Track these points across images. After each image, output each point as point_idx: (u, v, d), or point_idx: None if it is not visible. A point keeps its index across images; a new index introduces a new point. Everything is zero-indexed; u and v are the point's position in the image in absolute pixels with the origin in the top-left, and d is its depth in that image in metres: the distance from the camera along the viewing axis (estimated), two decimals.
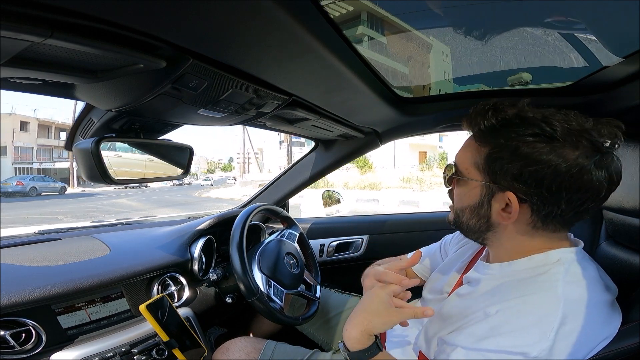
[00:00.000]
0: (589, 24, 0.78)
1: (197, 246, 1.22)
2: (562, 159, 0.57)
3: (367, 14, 0.80)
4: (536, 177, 0.59)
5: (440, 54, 0.98)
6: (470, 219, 0.69)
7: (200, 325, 1.13)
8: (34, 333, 0.80)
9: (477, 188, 0.67)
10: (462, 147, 0.71)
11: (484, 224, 0.68)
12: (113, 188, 28.83)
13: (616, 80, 0.88)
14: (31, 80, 0.60)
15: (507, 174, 0.61)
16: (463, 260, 0.86)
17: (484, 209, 0.66)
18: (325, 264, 1.69)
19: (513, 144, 0.60)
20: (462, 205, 0.70)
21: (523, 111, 0.62)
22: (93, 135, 0.83)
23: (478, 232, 0.70)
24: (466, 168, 0.68)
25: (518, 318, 0.58)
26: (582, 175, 0.57)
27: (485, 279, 0.70)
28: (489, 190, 0.65)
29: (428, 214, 1.86)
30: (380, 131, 1.47)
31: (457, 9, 0.80)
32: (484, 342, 0.59)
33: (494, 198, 0.65)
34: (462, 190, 0.71)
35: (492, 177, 0.64)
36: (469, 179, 0.68)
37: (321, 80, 0.84)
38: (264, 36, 0.57)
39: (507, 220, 0.64)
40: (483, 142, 0.65)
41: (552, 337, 0.55)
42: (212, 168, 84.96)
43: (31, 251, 1.03)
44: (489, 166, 0.64)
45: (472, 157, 0.67)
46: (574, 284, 0.60)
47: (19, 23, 0.40)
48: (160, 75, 0.61)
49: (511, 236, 0.67)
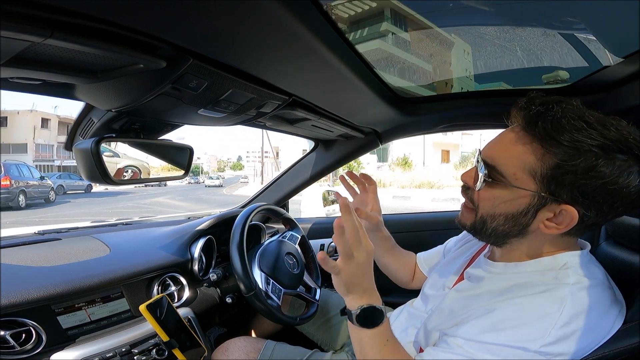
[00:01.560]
0: (589, 24, 0.78)
1: (197, 246, 1.22)
2: (632, 177, 0.54)
3: (367, 14, 0.80)
4: (607, 195, 0.54)
5: (462, 52, 0.97)
6: (502, 225, 0.63)
7: (200, 325, 1.13)
8: (34, 333, 0.80)
9: (525, 197, 0.59)
10: (507, 145, 0.61)
11: (517, 231, 0.63)
12: (134, 187, 28.88)
13: (616, 80, 0.88)
14: (31, 80, 0.60)
15: (576, 190, 0.55)
16: (465, 257, 0.86)
17: (527, 218, 0.60)
18: None
19: (590, 160, 0.53)
20: (497, 212, 0.63)
21: (583, 113, 0.56)
22: (93, 136, 0.83)
23: (503, 237, 0.65)
24: (514, 173, 0.60)
25: (521, 314, 0.58)
26: (630, 189, 0.54)
27: (488, 277, 0.70)
28: (540, 201, 0.58)
29: (430, 213, 1.86)
30: (380, 131, 1.47)
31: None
32: (485, 335, 0.59)
33: (543, 209, 0.59)
34: (500, 196, 0.62)
35: (553, 189, 0.57)
36: (517, 187, 0.59)
37: (321, 81, 0.84)
38: (264, 36, 0.57)
39: (552, 231, 0.59)
40: (549, 148, 0.56)
41: (553, 334, 0.55)
42: (222, 167, 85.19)
43: (31, 251, 1.03)
44: (553, 178, 0.56)
45: (528, 162, 0.58)
46: (580, 286, 0.59)
47: (19, 23, 0.40)
48: (160, 75, 0.61)
49: (536, 240, 0.64)
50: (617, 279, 0.69)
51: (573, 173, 0.54)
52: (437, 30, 0.90)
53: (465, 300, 0.69)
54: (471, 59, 1.01)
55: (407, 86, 1.16)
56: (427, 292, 0.87)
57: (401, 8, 0.82)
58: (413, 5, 0.79)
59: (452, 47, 0.96)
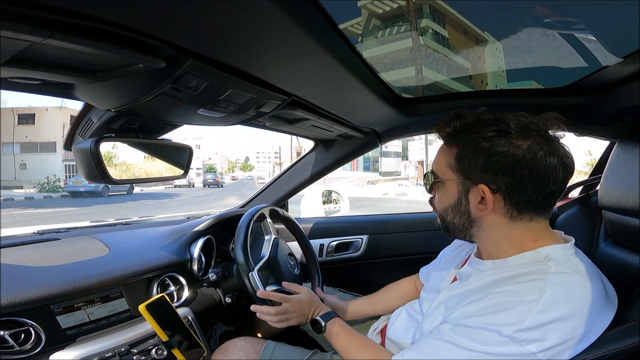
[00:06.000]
0: (589, 24, 0.78)
1: (197, 246, 1.22)
2: (516, 148, 0.66)
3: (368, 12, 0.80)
4: (499, 166, 0.66)
5: (494, 50, 0.98)
6: (453, 217, 0.75)
7: (200, 325, 1.13)
8: (33, 333, 0.80)
9: (453, 187, 0.74)
10: (436, 154, 0.79)
11: (466, 220, 0.74)
12: (165, 187, 27.53)
13: (616, 80, 0.88)
14: (31, 80, 0.60)
15: (476, 168, 0.69)
16: (457, 260, 0.90)
17: (463, 205, 0.73)
18: (325, 264, 1.68)
19: (475, 142, 0.69)
20: (444, 206, 0.77)
21: (481, 115, 0.71)
22: (92, 135, 0.83)
23: (464, 230, 0.76)
24: (441, 171, 0.76)
25: (502, 301, 0.63)
26: (537, 161, 0.65)
27: (477, 274, 0.75)
28: (464, 187, 0.72)
29: (428, 214, 1.86)
30: (379, 131, 1.47)
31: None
32: (469, 320, 0.65)
33: (469, 193, 0.71)
34: (441, 192, 0.77)
35: (464, 174, 0.71)
36: (445, 179, 0.75)
37: (321, 80, 0.84)
38: (264, 36, 0.57)
39: (484, 212, 0.70)
40: (451, 145, 0.74)
41: (530, 320, 0.58)
42: (231, 167, 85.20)
43: (30, 251, 1.02)
44: (459, 164, 0.71)
45: (444, 160, 0.75)
46: (561, 275, 0.63)
47: (19, 23, 0.40)
48: (160, 75, 0.61)
49: (494, 229, 0.72)
50: (617, 278, 0.69)
51: (467, 155, 0.70)
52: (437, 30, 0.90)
53: (457, 296, 0.74)
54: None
55: (406, 86, 1.16)
56: (423, 296, 0.92)
57: (402, 8, 0.82)
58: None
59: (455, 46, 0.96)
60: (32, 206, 14.03)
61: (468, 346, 0.63)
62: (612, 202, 0.94)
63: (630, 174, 0.88)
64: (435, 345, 0.68)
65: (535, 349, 0.58)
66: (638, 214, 0.83)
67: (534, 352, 0.58)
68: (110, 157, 0.89)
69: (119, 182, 0.86)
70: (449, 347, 0.65)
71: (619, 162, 0.95)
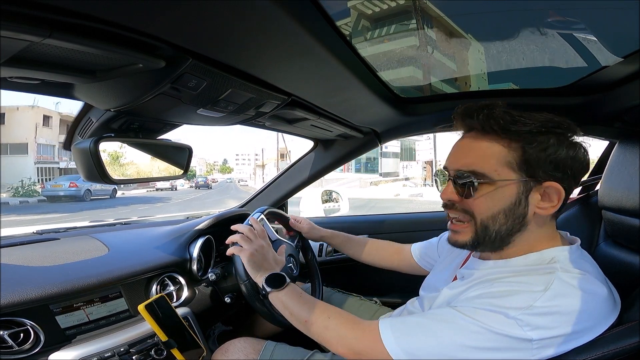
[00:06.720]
0: (589, 24, 0.78)
1: (196, 246, 1.22)
2: (572, 146, 0.64)
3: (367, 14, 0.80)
4: (566, 165, 0.64)
5: (476, 51, 0.99)
6: (505, 222, 0.66)
7: (199, 325, 1.13)
8: (32, 333, 0.80)
9: (511, 187, 0.65)
10: (475, 150, 0.67)
11: (517, 224, 0.66)
12: (146, 190, 26.63)
13: (615, 80, 0.88)
14: (30, 80, 0.60)
15: (547, 166, 0.63)
16: (459, 259, 0.88)
17: (522, 207, 0.65)
18: (324, 264, 1.68)
19: (542, 138, 0.63)
20: (494, 211, 0.66)
21: (514, 111, 0.66)
22: (92, 135, 0.83)
23: (507, 237, 0.67)
24: (495, 169, 0.65)
25: (509, 289, 0.61)
26: (585, 160, 0.66)
27: (478, 272, 0.73)
28: (526, 187, 0.65)
29: (428, 213, 1.86)
30: (379, 131, 1.47)
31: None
32: (473, 301, 0.63)
33: (531, 193, 0.65)
34: (491, 195, 0.65)
35: (530, 171, 0.64)
36: (501, 179, 0.64)
37: (320, 80, 0.84)
38: (264, 36, 0.57)
39: (549, 210, 0.65)
40: (512, 139, 0.64)
41: (537, 306, 0.57)
42: (210, 170, 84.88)
43: (30, 251, 1.02)
44: (527, 162, 0.63)
45: (501, 155, 0.65)
46: (567, 274, 0.61)
47: (18, 23, 0.40)
48: (160, 75, 0.61)
49: (532, 232, 0.68)
50: (617, 279, 0.69)
51: (537, 152, 0.63)
52: (437, 30, 0.90)
53: (457, 294, 0.72)
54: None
55: (406, 85, 1.16)
56: (424, 294, 0.91)
57: (403, 8, 0.82)
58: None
59: (457, 46, 0.96)
60: (10, 212, 13.28)
61: (468, 318, 0.61)
62: (612, 202, 0.94)
63: (630, 174, 0.88)
64: (430, 316, 0.67)
65: (535, 336, 0.57)
66: (638, 214, 0.83)
67: (534, 339, 0.57)
68: (118, 157, 0.89)
69: (118, 182, 0.85)
70: (450, 314, 0.63)
71: (619, 162, 0.95)
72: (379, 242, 1.30)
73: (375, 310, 1.28)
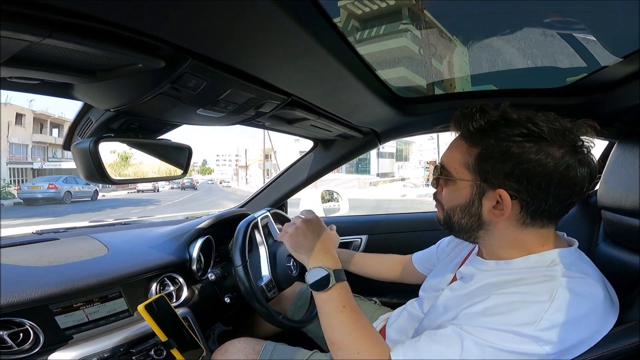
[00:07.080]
0: (588, 24, 0.78)
1: (196, 246, 1.22)
2: (550, 157, 0.61)
3: (367, 14, 0.80)
4: (527, 175, 0.62)
5: (461, 53, 0.99)
6: (461, 218, 0.71)
7: (199, 325, 1.13)
8: (31, 333, 0.80)
9: (467, 187, 0.69)
10: (450, 148, 0.73)
11: (475, 222, 0.70)
12: (127, 192, 25.83)
13: (615, 80, 0.88)
14: (30, 80, 0.60)
15: (499, 173, 0.64)
16: (458, 258, 0.89)
17: (475, 207, 0.69)
18: None
19: (503, 144, 0.63)
20: (452, 205, 0.72)
21: (507, 113, 0.65)
22: (91, 135, 0.83)
23: (470, 231, 0.72)
24: (455, 168, 0.71)
25: (512, 301, 0.61)
26: (569, 173, 0.61)
27: (480, 274, 0.73)
28: (479, 189, 0.67)
29: (427, 214, 1.86)
30: (379, 131, 1.47)
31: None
32: (476, 320, 0.62)
33: (484, 196, 0.67)
34: (451, 190, 0.72)
35: (483, 176, 0.66)
36: (458, 178, 0.70)
37: (320, 81, 0.84)
38: (264, 36, 0.57)
39: (498, 217, 0.67)
40: (473, 143, 0.68)
41: (546, 319, 0.57)
42: (189, 171, 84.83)
43: (29, 251, 1.02)
44: (479, 166, 0.66)
45: (461, 157, 0.69)
46: (569, 279, 0.61)
47: (18, 23, 0.40)
48: (159, 75, 0.61)
49: (502, 233, 0.69)
50: (616, 279, 0.69)
51: (492, 158, 0.64)
52: (438, 30, 0.90)
53: (459, 298, 0.72)
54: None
55: (406, 86, 1.16)
56: (423, 295, 0.90)
57: (403, 7, 0.82)
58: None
59: (454, 47, 0.96)
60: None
61: (478, 339, 0.60)
62: (611, 202, 0.94)
63: (630, 174, 0.88)
64: (438, 339, 0.64)
65: (550, 350, 0.57)
66: (638, 214, 0.83)
67: (550, 352, 0.57)
68: (127, 158, 0.89)
69: (117, 182, 0.85)
70: (458, 335, 0.62)
71: (618, 162, 0.95)
72: (380, 256, 1.28)
73: (374, 310, 1.28)
